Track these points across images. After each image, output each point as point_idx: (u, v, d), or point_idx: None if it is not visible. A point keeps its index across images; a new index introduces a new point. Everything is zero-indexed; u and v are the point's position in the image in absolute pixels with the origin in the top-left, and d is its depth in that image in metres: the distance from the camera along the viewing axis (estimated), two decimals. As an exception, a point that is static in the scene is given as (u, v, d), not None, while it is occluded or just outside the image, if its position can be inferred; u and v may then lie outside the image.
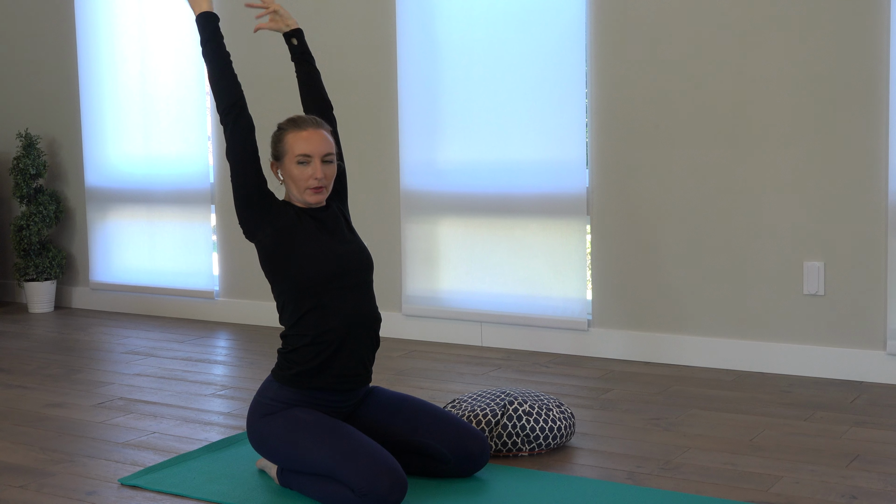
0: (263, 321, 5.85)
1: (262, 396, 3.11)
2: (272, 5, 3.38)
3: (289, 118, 3.16)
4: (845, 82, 4.27)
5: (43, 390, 4.42)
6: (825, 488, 3.06)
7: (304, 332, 3.05)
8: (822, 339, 4.41)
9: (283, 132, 3.13)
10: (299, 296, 3.06)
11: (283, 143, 3.12)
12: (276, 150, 3.14)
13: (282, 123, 3.16)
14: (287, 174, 3.11)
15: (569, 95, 4.86)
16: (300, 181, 3.08)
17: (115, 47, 6.24)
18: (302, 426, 2.99)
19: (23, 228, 6.30)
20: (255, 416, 3.09)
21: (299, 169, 3.08)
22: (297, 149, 3.08)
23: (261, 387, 3.14)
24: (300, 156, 3.08)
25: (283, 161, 3.12)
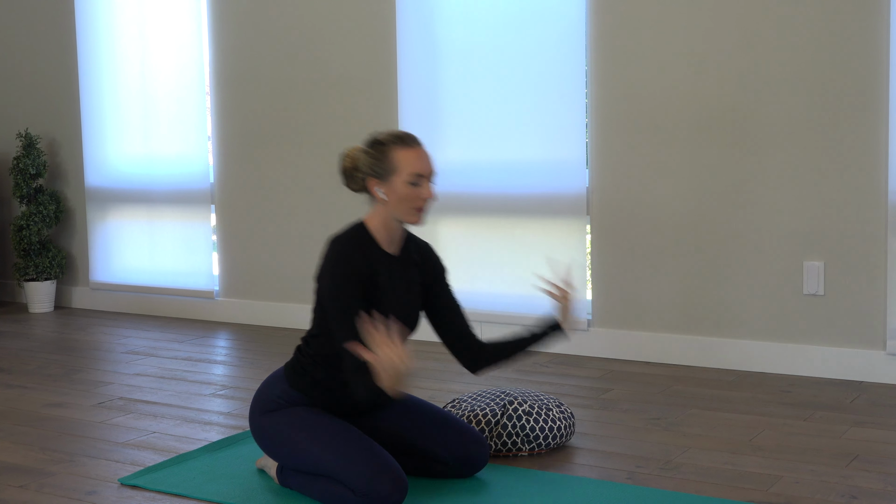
0: (263, 321, 5.85)
1: (269, 391, 3.09)
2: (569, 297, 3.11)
3: (388, 132, 2.96)
4: (845, 82, 4.27)
5: (43, 390, 4.42)
6: (825, 488, 3.06)
7: (333, 363, 3.03)
8: (822, 339, 4.41)
9: (389, 149, 2.93)
10: None
11: (391, 160, 2.92)
12: (381, 167, 2.93)
13: (381, 138, 2.96)
14: (393, 193, 2.92)
15: (569, 95, 4.86)
16: (409, 201, 2.93)
17: (115, 47, 6.24)
18: (305, 425, 2.98)
19: (23, 228, 6.30)
20: (258, 411, 3.09)
21: (410, 189, 2.92)
22: (410, 167, 2.91)
23: (267, 380, 3.13)
24: (414, 175, 2.91)
25: (389, 179, 2.92)
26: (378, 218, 2.99)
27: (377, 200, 2.98)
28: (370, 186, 2.97)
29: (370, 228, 3.01)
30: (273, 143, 5.75)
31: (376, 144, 2.95)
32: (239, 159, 5.87)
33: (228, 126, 5.88)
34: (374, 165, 2.94)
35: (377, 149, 2.94)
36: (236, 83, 5.83)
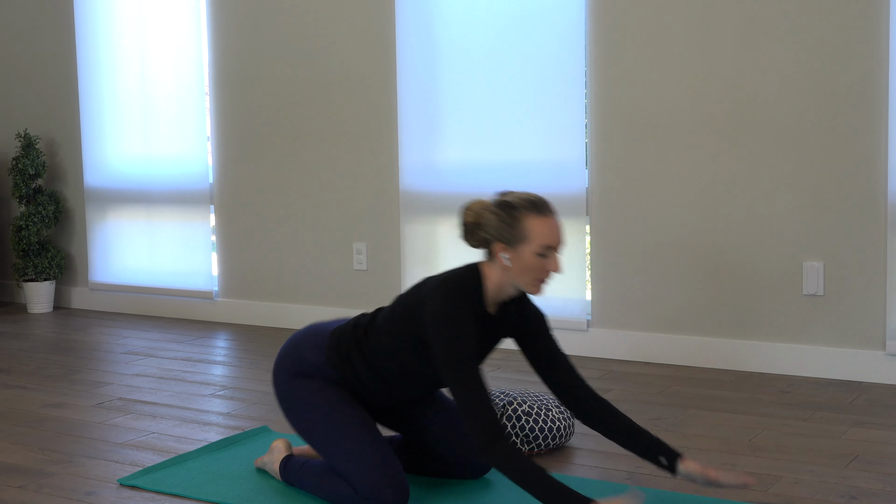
0: (263, 321, 5.85)
1: (306, 355, 3.01)
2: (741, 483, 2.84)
3: (521, 196, 2.79)
4: (845, 82, 4.27)
5: (42, 390, 4.41)
6: (824, 488, 3.06)
7: (380, 373, 2.95)
8: (821, 340, 4.41)
9: (522, 215, 2.76)
10: (404, 366, 2.92)
11: (523, 228, 2.75)
12: (510, 233, 2.76)
13: (513, 201, 2.78)
14: (519, 261, 2.77)
15: (568, 96, 4.86)
16: (535, 272, 2.78)
17: (114, 47, 6.24)
18: (331, 409, 2.94)
19: (22, 229, 6.30)
20: (289, 371, 3.02)
21: (538, 260, 2.76)
22: (541, 239, 2.75)
23: (305, 337, 3.04)
24: (545, 247, 2.76)
25: (517, 247, 2.76)
26: (495, 278, 2.82)
27: (497, 262, 2.81)
28: (495, 250, 2.79)
29: (484, 285, 2.84)
30: (272, 143, 5.74)
31: (508, 208, 2.77)
32: (238, 160, 5.87)
33: (228, 126, 5.88)
34: (503, 230, 2.77)
35: (509, 213, 2.77)
36: (236, 83, 5.83)
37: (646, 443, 2.87)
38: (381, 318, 2.94)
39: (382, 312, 2.96)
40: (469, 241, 2.86)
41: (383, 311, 2.96)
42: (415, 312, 2.83)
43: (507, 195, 2.81)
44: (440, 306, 2.74)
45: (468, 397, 2.67)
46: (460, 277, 2.81)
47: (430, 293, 2.79)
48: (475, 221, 2.84)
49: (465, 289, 2.79)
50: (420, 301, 2.83)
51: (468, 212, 2.85)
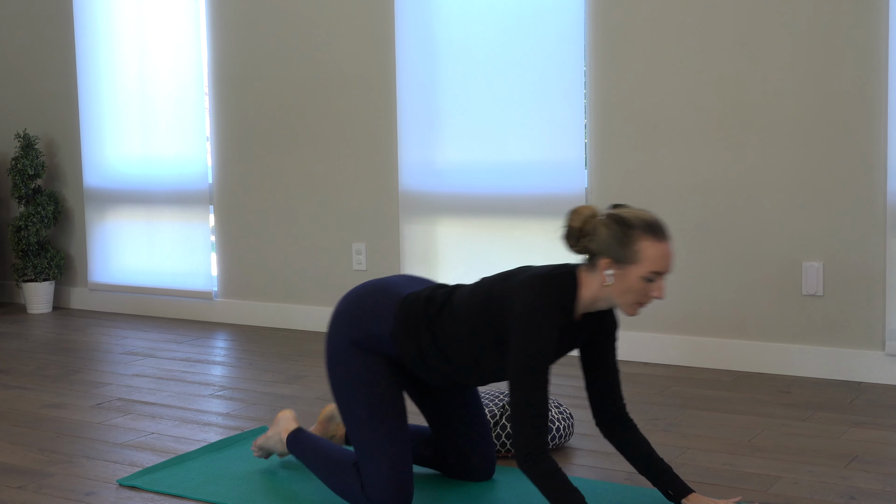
0: (262, 322, 5.85)
1: (369, 320, 2.89)
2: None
3: (638, 216, 2.66)
4: (844, 83, 4.27)
5: (41, 391, 4.41)
6: (824, 489, 3.06)
7: (447, 357, 2.84)
8: (820, 340, 4.41)
9: (638, 236, 2.63)
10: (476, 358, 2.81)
11: (636, 250, 2.62)
12: (622, 252, 2.64)
13: (630, 219, 2.65)
14: (623, 282, 2.65)
15: (567, 96, 4.86)
16: (636, 295, 2.66)
17: (113, 48, 6.24)
18: (373, 398, 2.86)
19: (21, 229, 6.30)
20: (349, 334, 2.90)
21: (643, 284, 2.65)
22: (653, 265, 2.63)
23: (373, 300, 2.91)
24: (654, 273, 2.64)
25: (624, 267, 2.64)
26: (592, 289, 2.70)
27: (598, 280, 2.69)
28: (600, 265, 2.66)
29: (579, 293, 2.72)
30: (272, 143, 5.74)
31: (623, 226, 2.64)
32: (237, 160, 5.87)
33: (227, 127, 5.88)
34: (613, 247, 2.64)
35: (624, 231, 2.64)
36: (235, 84, 5.83)
37: (659, 473, 2.85)
38: (460, 301, 2.80)
39: (461, 293, 2.83)
40: (570, 246, 2.74)
41: (462, 292, 2.83)
42: (500, 307, 2.72)
43: (623, 210, 2.68)
44: (530, 309, 2.64)
45: (527, 405, 2.60)
46: (557, 282, 2.69)
47: (523, 291, 2.68)
48: (581, 228, 2.71)
49: (560, 295, 2.68)
50: (507, 295, 2.71)
51: (576, 216, 2.72)
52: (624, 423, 2.90)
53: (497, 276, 2.82)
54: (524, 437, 2.60)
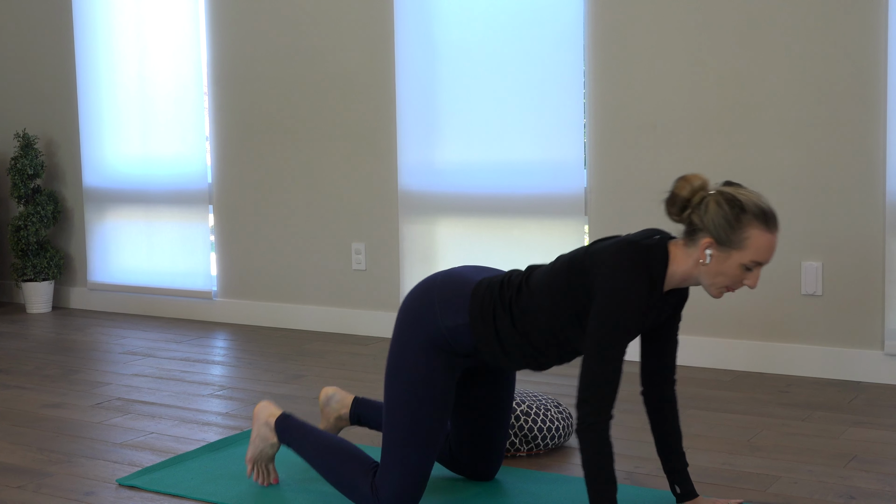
0: (261, 321, 5.85)
1: (440, 315, 2.78)
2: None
3: (754, 200, 2.54)
4: (843, 82, 4.28)
5: (41, 391, 4.41)
6: (823, 488, 3.06)
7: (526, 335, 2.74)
8: (820, 339, 4.41)
9: (750, 222, 2.53)
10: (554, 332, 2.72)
11: (745, 236, 2.53)
12: (729, 235, 2.53)
13: (745, 203, 2.53)
14: (721, 264, 2.56)
15: (567, 96, 4.86)
16: (730, 279, 2.58)
17: (113, 47, 6.24)
18: (426, 407, 2.78)
19: (20, 229, 6.30)
20: (417, 329, 2.80)
21: (740, 271, 2.56)
22: (757, 254, 2.54)
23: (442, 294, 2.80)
24: (754, 263, 2.55)
25: (727, 250, 2.54)
26: (685, 265, 2.61)
27: (695, 257, 2.59)
28: (702, 242, 2.56)
29: (670, 268, 2.62)
30: (271, 143, 5.74)
31: (738, 208, 2.53)
32: (237, 159, 5.87)
33: (226, 126, 5.88)
34: (722, 228, 2.53)
35: (736, 214, 2.52)
36: (234, 83, 5.83)
37: (674, 467, 2.84)
38: (539, 277, 2.71)
39: (539, 271, 2.74)
40: (671, 214, 2.62)
41: (540, 270, 2.74)
42: (584, 273, 2.62)
43: (739, 191, 2.56)
44: (617, 277, 2.54)
45: (598, 376, 2.52)
46: (649, 252, 2.58)
47: (610, 257, 2.56)
48: (689, 199, 2.59)
49: (650, 265, 2.57)
50: (593, 261, 2.61)
51: (685, 184, 2.59)
52: (668, 400, 2.82)
53: (572, 253, 2.71)
54: (589, 407, 2.53)
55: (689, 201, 2.60)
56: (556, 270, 2.68)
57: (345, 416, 3.29)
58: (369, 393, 4.28)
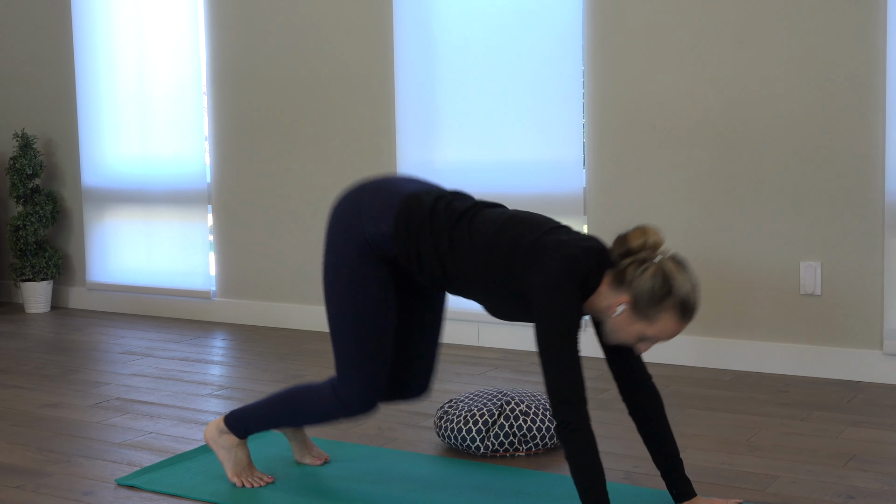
0: (260, 321, 5.85)
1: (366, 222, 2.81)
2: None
3: (685, 291, 2.56)
4: (842, 82, 4.28)
5: (39, 390, 4.41)
6: (822, 488, 3.06)
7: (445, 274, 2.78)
8: (818, 339, 4.41)
9: (669, 306, 2.56)
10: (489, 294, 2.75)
11: (659, 316, 2.57)
12: (646, 308, 2.57)
13: (675, 288, 2.55)
14: (625, 323, 2.61)
15: (566, 95, 4.86)
16: (625, 340, 2.65)
17: (112, 47, 6.24)
18: (367, 300, 2.84)
19: (19, 228, 6.29)
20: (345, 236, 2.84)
21: (638, 339, 2.64)
22: (660, 334, 2.60)
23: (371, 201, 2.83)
24: (655, 339, 2.63)
25: (636, 318, 2.59)
26: (600, 304, 2.65)
27: (611, 302, 2.63)
28: (621, 296, 2.60)
29: (594, 297, 2.65)
30: (270, 143, 5.74)
31: (666, 289, 2.55)
32: (236, 159, 5.87)
33: (225, 126, 5.88)
34: (644, 298, 2.56)
35: (663, 294, 2.55)
36: (233, 83, 5.83)
37: (667, 469, 2.83)
38: (483, 229, 2.73)
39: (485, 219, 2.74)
40: (614, 252, 2.63)
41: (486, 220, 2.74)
42: (524, 267, 2.65)
43: (678, 275, 2.56)
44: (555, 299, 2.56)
45: (558, 380, 2.55)
46: (588, 276, 2.61)
47: (548, 276, 2.58)
48: (636, 251, 2.59)
49: (584, 287, 2.61)
50: (531, 263, 2.64)
51: (640, 236, 2.60)
52: (643, 387, 2.81)
53: (528, 223, 2.72)
54: (563, 411, 2.55)
55: (634, 254, 2.60)
56: (500, 246, 2.69)
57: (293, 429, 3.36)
58: (368, 393, 4.27)
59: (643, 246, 2.59)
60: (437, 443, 3.58)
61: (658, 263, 2.58)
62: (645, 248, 2.59)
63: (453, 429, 3.44)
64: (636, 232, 2.61)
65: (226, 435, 3.14)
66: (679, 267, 2.59)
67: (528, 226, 2.72)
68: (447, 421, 3.48)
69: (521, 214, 2.77)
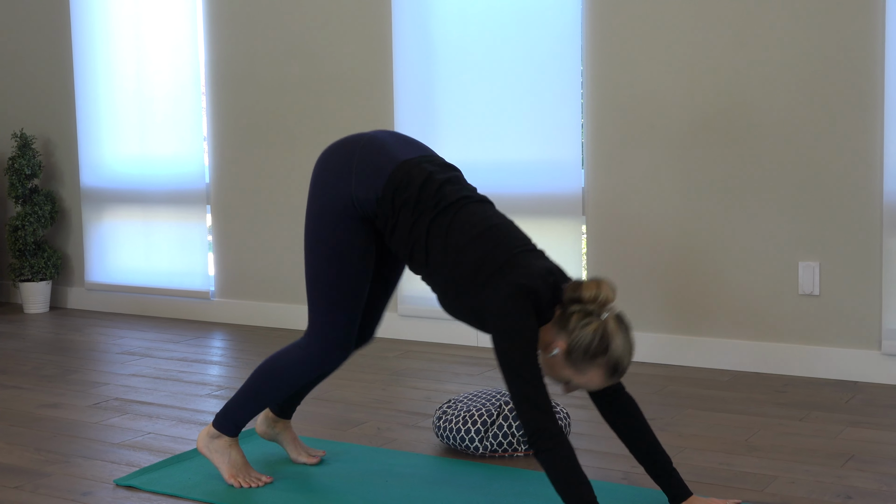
0: (259, 322, 5.85)
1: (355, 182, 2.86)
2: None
3: (617, 355, 2.62)
4: (840, 82, 4.28)
5: (38, 391, 4.41)
6: (820, 488, 3.06)
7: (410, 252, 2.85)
8: (817, 339, 4.41)
9: (600, 363, 2.62)
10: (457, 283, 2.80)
11: (588, 370, 2.64)
12: (578, 359, 2.63)
13: (611, 349, 2.61)
14: (556, 367, 2.69)
15: (564, 96, 4.86)
16: (552, 378, 2.73)
17: (110, 47, 6.23)
18: (342, 254, 2.90)
19: (18, 229, 6.29)
20: (335, 195, 2.88)
21: (564, 382, 2.71)
22: (586, 385, 2.67)
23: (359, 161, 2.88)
24: (579, 387, 2.69)
25: (568, 366, 2.65)
26: (547, 335, 2.70)
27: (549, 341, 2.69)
28: (559, 340, 2.65)
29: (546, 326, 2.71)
30: (269, 143, 5.74)
31: (602, 348, 2.61)
32: (235, 159, 5.87)
33: (224, 126, 5.88)
34: (579, 349, 2.61)
35: (597, 352, 2.61)
36: (232, 83, 5.83)
37: (658, 473, 2.83)
38: (463, 230, 2.77)
39: (466, 218, 2.78)
40: (564, 296, 2.67)
41: (468, 221, 2.78)
42: (481, 286, 2.71)
43: (617, 337, 2.62)
44: (507, 309, 2.62)
45: (523, 397, 2.58)
46: (541, 296, 2.66)
47: (503, 290, 2.64)
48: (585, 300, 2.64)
49: (538, 306, 2.66)
50: (490, 281, 2.69)
51: (593, 289, 2.64)
52: (619, 396, 2.83)
53: (504, 239, 2.76)
54: (534, 424, 2.57)
55: (582, 304, 2.64)
56: (471, 257, 2.73)
57: (273, 420, 3.37)
58: (367, 392, 4.28)
59: (593, 299, 2.63)
60: (436, 443, 3.58)
61: (602, 321, 2.63)
62: (594, 301, 2.64)
63: (452, 429, 3.44)
64: (591, 283, 2.65)
65: (217, 439, 3.16)
66: (620, 328, 2.64)
67: (503, 242, 2.76)
68: (446, 421, 3.48)
69: (501, 227, 2.80)
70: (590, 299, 2.63)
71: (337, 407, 4.07)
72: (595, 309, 2.64)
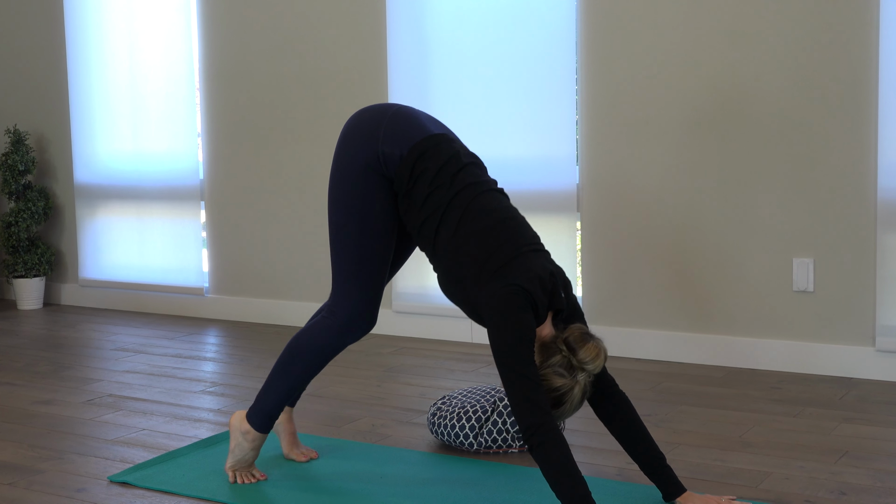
0: (253, 318, 5.85)
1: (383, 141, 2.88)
2: None
3: (565, 414, 2.72)
4: (834, 79, 4.28)
5: (31, 387, 4.40)
6: (814, 484, 3.06)
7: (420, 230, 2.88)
8: (811, 336, 4.42)
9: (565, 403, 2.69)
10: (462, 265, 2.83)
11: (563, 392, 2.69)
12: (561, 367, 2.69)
13: (565, 406, 2.69)
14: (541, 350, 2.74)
15: (559, 92, 4.86)
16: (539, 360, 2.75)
17: (104, 43, 6.22)
18: (367, 213, 2.91)
19: (11, 225, 6.28)
20: (361, 153, 2.90)
21: None
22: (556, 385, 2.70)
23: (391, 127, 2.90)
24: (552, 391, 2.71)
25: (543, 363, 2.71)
26: (545, 331, 2.76)
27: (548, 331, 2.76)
28: (541, 335, 2.75)
29: (543, 330, 2.76)
30: (263, 139, 5.74)
31: (556, 402, 2.68)
32: (228, 156, 5.86)
33: (218, 122, 5.87)
34: (556, 367, 2.69)
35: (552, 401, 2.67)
36: (226, 79, 5.82)
37: (651, 470, 2.83)
38: (474, 220, 2.80)
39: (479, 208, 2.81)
40: (568, 333, 2.72)
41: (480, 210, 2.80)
42: (484, 281, 2.75)
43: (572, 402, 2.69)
44: (504, 307, 2.66)
45: (519, 392, 2.60)
46: (538, 298, 2.70)
47: (502, 289, 2.69)
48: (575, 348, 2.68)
49: (533, 307, 2.70)
50: (493, 278, 2.73)
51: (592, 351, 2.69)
52: (613, 395, 2.85)
53: (514, 235, 2.79)
54: (529, 419, 2.58)
55: (573, 356, 2.69)
56: (479, 244, 2.76)
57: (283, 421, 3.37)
58: (361, 389, 4.27)
59: (583, 362, 2.68)
60: (430, 439, 3.58)
61: (574, 382, 2.68)
62: (583, 364, 2.69)
63: (446, 425, 3.44)
64: (593, 348, 2.69)
65: (248, 432, 3.12)
66: (582, 396, 2.70)
67: (511, 238, 2.78)
68: (440, 417, 3.48)
69: (512, 222, 2.82)
70: (581, 360, 2.69)
71: (331, 403, 4.07)
72: (578, 367, 2.69)
